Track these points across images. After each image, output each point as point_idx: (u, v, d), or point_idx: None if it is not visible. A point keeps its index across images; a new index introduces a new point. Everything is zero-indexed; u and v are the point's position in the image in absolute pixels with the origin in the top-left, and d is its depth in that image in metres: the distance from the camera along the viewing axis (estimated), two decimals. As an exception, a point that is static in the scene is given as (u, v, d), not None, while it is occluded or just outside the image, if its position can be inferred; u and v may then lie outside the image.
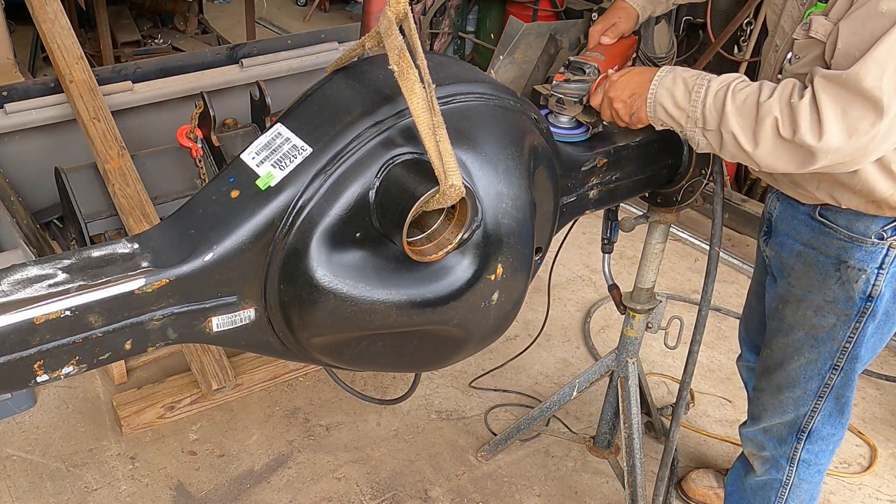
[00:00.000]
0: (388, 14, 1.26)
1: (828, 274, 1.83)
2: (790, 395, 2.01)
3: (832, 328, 1.87)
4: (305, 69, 3.38)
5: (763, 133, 1.50)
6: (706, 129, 1.59)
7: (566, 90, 1.81)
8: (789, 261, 1.91)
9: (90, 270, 1.23)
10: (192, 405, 2.81)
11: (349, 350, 1.48)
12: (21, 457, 2.64)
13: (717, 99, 1.55)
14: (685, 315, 2.28)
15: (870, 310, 1.81)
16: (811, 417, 2.01)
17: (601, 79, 1.78)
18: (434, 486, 2.64)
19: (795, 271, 1.89)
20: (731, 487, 2.35)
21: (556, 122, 1.85)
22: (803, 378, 1.97)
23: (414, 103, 1.26)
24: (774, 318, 2.00)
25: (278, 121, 1.42)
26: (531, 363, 3.18)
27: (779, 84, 1.51)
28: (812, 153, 1.47)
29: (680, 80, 1.61)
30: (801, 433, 2.05)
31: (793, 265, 1.90)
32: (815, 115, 1.45)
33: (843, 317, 1.85)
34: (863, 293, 1.80)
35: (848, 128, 1.44)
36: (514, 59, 4.86)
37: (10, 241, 2.62)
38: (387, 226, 1.32)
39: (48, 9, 3.00)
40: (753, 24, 4.25)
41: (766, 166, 1.55)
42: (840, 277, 1.81)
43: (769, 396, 2.07)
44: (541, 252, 1.67)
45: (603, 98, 1.74)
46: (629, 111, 1.70)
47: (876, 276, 1.77)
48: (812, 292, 1.87)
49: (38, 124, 2.92)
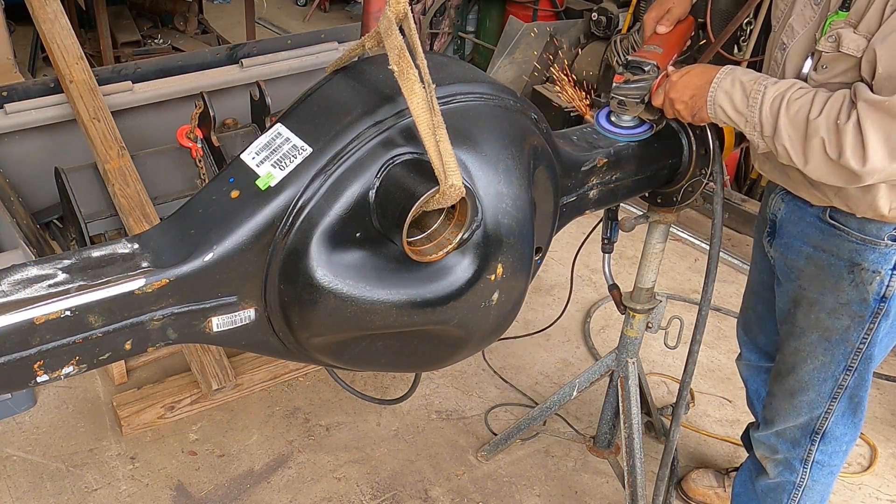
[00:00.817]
0: (388, 14, 1.26)
1: (840, 276, 1.82)
2: (803, 398, 2.01)
3: (846, 330, 1.86)
4: (305, 69, 3.38)
5: (811, 151, 1.53)
6: (763, 135, 1.60)
7: (627, 91, 1.78)
8: (798, 263, 1.89)
9: (90, 270, 1.23)
10: (192, 405, 2.81)
11: (349, 350, 1.48)
12: (21, 457, 2.64)
13: (773, 108, 1.56)
14: (685, 315, 2.28)
15: (883, 310, 1.81)
16: (825, 419, 2.01)
17: (662, 77, 1.76)
18: (434, 486, 2.64)
19: (806, 274, 1.88)
20: (740, 489, 2.34)
21: (619, 122, 1.83)
22: (817, 381, 1.96)
23: (414, 103, 1.26)
24: (786, 321, 1.99)
25: (278, 121, 1.42)
26: (531, 363, 3.18)
27: (829, 99, 1.52)
28: (858, 175, 1.50)
29: (738, 83, 1.61)
30: (815, 435, 2.04)
31: (802, 268, 1.89)
32: (858, 138, 1.47)
33: (857, 318, 1.84)
34: (877, 294, 1.79)
35: (891, 152, 1.46)
36: (514, 59, 4.86)
37: (10, 241, 2.62)
38: (387, 226, 1.32)
39: (48, 9, 3.00)
40: (753, 24, 4.25)
41: (819, 178, 1.58)
42: (854, 280, 1.80)
43: (782, 401, 2.06)
44: (541, 252, 1.67)
45: (664, 98, 1.74)
46: (691, 112, 1.71)
47: (890, 276, 1.77)
48: (825, 295, 1.86)
49: (38, 124, 2.92)
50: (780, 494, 2.17)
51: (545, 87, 4.83)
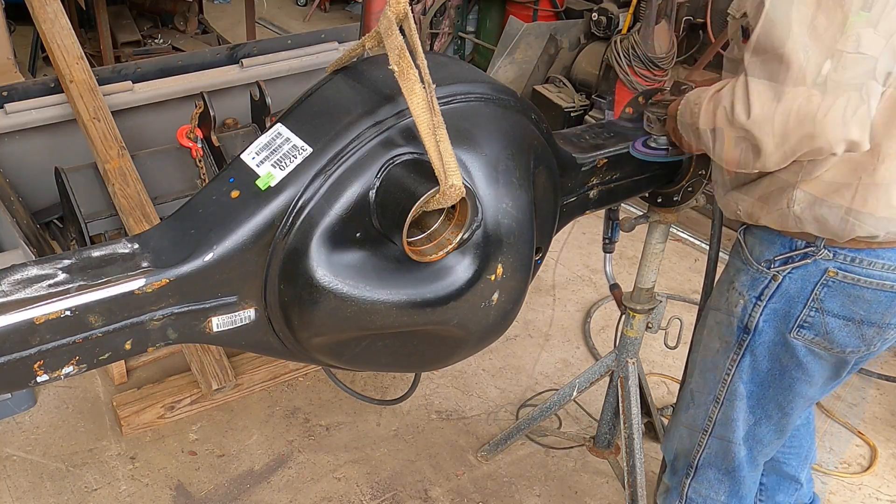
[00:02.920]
0: (388, 14, 1.26)
1: (721, 293, 1.78)
2: (684, 419, 1.94)
3: (716, 354, 1.81)
4: (305, 69, 3.38)
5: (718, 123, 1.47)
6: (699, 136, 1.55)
7: (652, 110, 1.78)
8: None
9: (90, 270, 1.24)
10: (192, 405, 2.81)
11: (349, 350, 1.48)
12: (21, 457, 2.64)
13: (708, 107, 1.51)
14: (685, 315, 2.28)
15: (746, 342, 1.73)
16: (697, 452, 1.92)
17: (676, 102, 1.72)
18: (434, 486, 2.64)
19: (714, 289, 1.87)
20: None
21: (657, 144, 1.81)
22: (694, 404, 1.90)
23: (414, 103, 1.26)
24: None
25: (278, 121, 1.42)
26: (531, 363, 3.18)
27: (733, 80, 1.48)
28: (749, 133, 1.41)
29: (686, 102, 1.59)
30: (689, 467, 1.96)
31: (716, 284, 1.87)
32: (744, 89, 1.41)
33: (724, 343, 1.78)
34: (740, 321, 1.72)
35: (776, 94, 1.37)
36: (514, 59, 4.86)
37: (10, 241, 2.61)
38: (387, 226, 1.32)
39: (48, 9, 3.00)
40: (753, 24, 4.25)
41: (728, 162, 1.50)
42: (727, 299, 1.75)
43: (674, 419, 2.02)
44: (541, 252, 1.67)
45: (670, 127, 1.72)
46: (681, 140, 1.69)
47: (753, 305, 1.69)
48: (710, 311, 1.84)
49: (38, 124, 2.92)
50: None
51: (545, 87, 4.84)
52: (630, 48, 4.30)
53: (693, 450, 1.93)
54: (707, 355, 1.84)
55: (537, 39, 4.87)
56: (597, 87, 4.65)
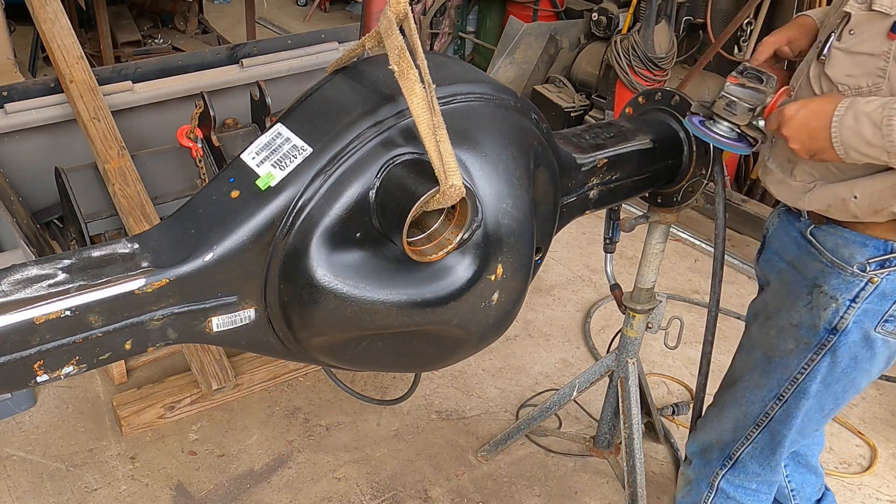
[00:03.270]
0: (388, 14, 1.26)
1: (799, 296, 1.75)
2: (730, 414, 1.95)
3: (788, 354, 1.79)
4: (305, 69, 3.38)
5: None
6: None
7: (741, 95, 1.66)
8: (770, 277, 1.86)
9: (90, 270, 1.24)
10: (192, 405, 2.81)
11: (349, 350, 1.48)
12: (21, 457, 2.64)
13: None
14: (685, 315, 2.28)
15: (830, 344, 1.72)
16: (742, 445, 1.94)
17: (777, 99, 1.64)
18: (434, 486, 2.64)
19: (772, 288, 1.85)
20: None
21: (714, 129, 1.70)
22: (748, 401, 1.90)
23: (414, 103, 1.26)
24: (744, 334, 1.96)
25: (278, 121, 1.42)
26: (531, 363, 3.18)
27: None
28: None
29: (863, 116, 1.46)
30: (727, 459, 1.98)
31: (771, 282, 1.85)
32: None
33: (801, 344, 1.76)
34: (828, 323, 1.70)
35: None
36: (515, 59, 4.86)
37: (10, 241, 2.61)
38: (387, 226, 1.32)
39: (48, 9, 3.00)
40: (753, 24, 4.25)
41: None
42: (810, 302, 1.72)
43: (714, 411, 2.02)
44: (541, 252, 1.67)
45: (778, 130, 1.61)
46: (809, 152, 1.56)
47: (847, 308, 1.67)
48: (780, 312, 1.80)
49: (38, 124, 2.92)
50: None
51: (545, 87, 4.84)
52: (630, 48, 4.31)
53: (737, 443, 1.95)
54: (775, 355, 1.82)
55: (537, 39, 4.87)
56: (597, 87, 4.66)
